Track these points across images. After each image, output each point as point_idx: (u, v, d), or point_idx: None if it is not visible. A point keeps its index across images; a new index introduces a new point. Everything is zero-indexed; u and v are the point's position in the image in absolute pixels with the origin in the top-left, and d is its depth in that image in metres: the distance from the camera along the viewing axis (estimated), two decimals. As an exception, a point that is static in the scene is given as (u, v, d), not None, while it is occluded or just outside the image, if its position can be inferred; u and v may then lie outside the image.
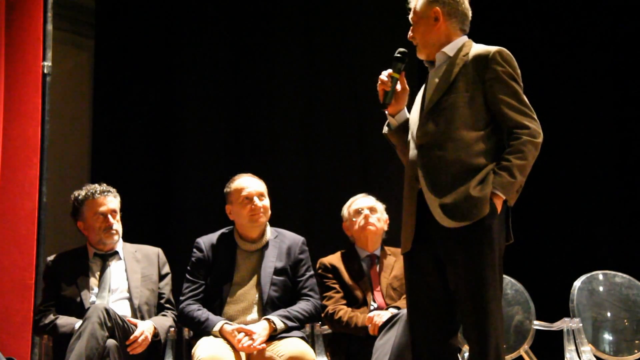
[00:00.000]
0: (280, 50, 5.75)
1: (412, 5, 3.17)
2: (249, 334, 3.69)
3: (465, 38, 3.13)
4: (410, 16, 3.17)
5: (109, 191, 4.03)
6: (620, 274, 4.44)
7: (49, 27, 4.05)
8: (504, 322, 3.00)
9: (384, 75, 3.13)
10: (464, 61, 3.02)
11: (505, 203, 2.94)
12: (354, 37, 5.71)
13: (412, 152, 3.07)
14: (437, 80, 3.06)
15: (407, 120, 3.17)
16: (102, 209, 3.99)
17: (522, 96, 2.99)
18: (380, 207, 4.26)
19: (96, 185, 4.05)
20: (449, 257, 2.94)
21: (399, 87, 3.14)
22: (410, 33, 3.17)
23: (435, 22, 3.09)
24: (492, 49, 3.01)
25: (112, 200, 4.02)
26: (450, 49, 3.08)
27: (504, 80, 2.97)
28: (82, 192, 4.02)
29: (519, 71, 3.02)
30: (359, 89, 5.65)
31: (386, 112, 3.19)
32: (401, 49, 3.14)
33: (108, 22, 5.69)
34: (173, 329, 3.92)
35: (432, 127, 3.00)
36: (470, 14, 3.16)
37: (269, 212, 4.00)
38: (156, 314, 3.99)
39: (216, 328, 3.75)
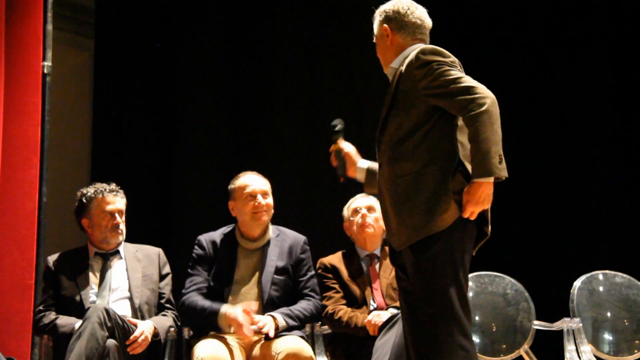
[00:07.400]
0: (280, 49, 5.75)
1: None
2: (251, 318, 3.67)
3: (417, 46, 3.05)
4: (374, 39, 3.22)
5: (118, 191, 4.06)
6: (620, 274, 4.44)
7: (49, 27, 4.04)
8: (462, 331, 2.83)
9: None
10: (400, 71, 3.00)
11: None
12: (354, 37, 5.70)
13: None
14: (386, 96, 3.06)
15: (369, 169, 3.27)
16: (111, 207, 4.00)
17: (457, 79, 2.86)
18: (379, 206, 4.24)
19: (105, 184, 4.07)
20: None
21: (346, 149, 3.32)
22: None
23: (387, 38, 3.13)
24: (414, 52, 2.97)
25: (120, 201, 4.05)
26: (397, 62, 3.08)
27: (432, 76, 2.89)
28: (91, 190, 4.04)
29: (449, 59, 2.92)
30: (359, 88, 5.65)
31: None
32: (334, 121, 3.33)
33: (108, 22, 5.69)
34: (173, 329, 3.92)
35: (382, 144, 3.04)
36: (425, 21, 3.13)
37: (272, 210, 4.00)
38: (156, 314, 3.99)
39: (223, 310, 3.71)
